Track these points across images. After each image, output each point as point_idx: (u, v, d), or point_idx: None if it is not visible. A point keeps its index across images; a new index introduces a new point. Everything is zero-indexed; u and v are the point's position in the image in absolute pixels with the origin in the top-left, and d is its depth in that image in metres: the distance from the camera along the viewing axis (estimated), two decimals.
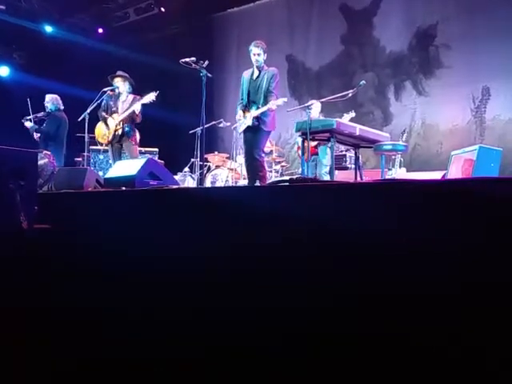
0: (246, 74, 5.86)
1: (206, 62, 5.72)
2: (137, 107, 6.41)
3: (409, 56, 8.58)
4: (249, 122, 5.62)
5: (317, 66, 9.67)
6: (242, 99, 5.82)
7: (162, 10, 10.29)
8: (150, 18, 10.49)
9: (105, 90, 6.72)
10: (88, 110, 6.78)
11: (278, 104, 5.52)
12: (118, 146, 6.67)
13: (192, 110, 7.01)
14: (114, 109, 6.65)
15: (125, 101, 6.64)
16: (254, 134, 5.64)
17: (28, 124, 7.41)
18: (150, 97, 6.38)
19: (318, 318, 2.13)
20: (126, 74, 6.77)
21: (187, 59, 5.65)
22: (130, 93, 6.69)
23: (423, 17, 8.38)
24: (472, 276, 1.84)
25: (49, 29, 10.58)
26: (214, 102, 10.00)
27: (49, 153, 6.22)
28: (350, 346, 2.05)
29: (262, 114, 5.54)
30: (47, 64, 10.39)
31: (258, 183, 5.37)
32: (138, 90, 6.85)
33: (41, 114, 7.44)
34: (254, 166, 5.59)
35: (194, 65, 5.65)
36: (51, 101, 7.45)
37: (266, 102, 5.56)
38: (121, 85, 6.67)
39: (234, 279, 2.41)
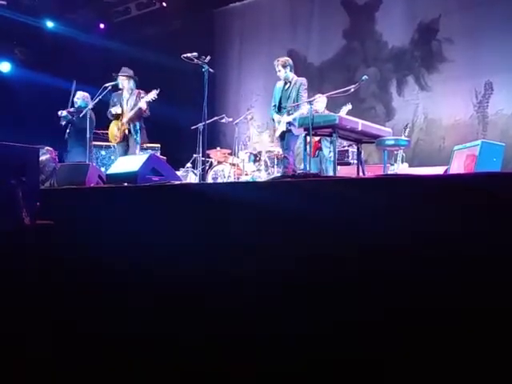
0: (278, 85, 6.40)
1: (208, 58, 5.70)
2: (142, 105, 6.47)
3: (411, 50, 8.54)
4: (283, 127, 6.16)
5: (319, 61, 9.63)
6: (274, 105, 6.35)
7: (164, 4, 10.25)
8: (152, 13, 10.45)
9: (106, 85, 6.71)
10: (90, 106, 6.78)
11: (305, 110, 5.82)
12: (124, 144, 6.70)
13: (194, 105, 7.00)
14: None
15: (129, 99, 6.67)
16: (286, 137, 6.21)
17: (63, 113, 7.26)
18: (152, 95, 6.43)
19: (318, 318, 2.13)
20: (131, 72, 6.78)
21: (189, 54, 5.63)
22: (133, 90, 6.70)
23: (425, 11, 8.32)
24: (474, 273, 1.84)
25: (50, 24, 10.55)
26: (215, 97, 9.98)
27: (51, 149, 6.21)
28: (351, 345, 2.05)
29: (294, 119, 5.98)
30: (48, 60, 10.36)
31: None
32: (140, 86, 6.85)
33: (72, 110, 7.35)
34: (283, 163, 6.36)
35: (195, 60, 5.64)
36: (82, 98, 7.36)
37: (296, 109, 6.07)
38: (125, 83, 6.69)
39: (234, 276, 2.40)
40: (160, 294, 2.65)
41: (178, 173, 7.20)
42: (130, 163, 4.39)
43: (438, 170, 5.22)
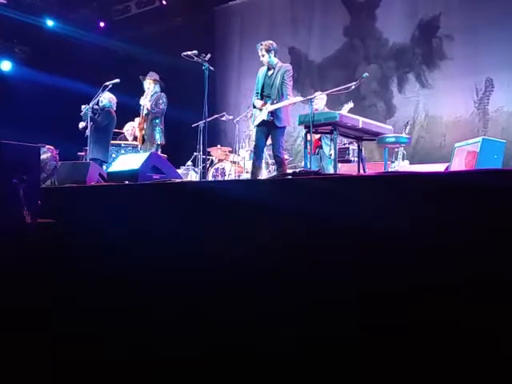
0: (261, 71, 5.88)
1: (208, 55, 5.69)
2: (143, 103, 6.68)
3: (412, 48, 8.53)
4: (264, 116, 5.63)
5: (320, 59, 9.62)
6: (257, 93, 5.85)
7: (164, 2, 10.24)
8: (152, 12, 10.45)
9: (106, 84, 6.74)
10: (90, 104, 6.79)
11: (294, 101, 5.62)
12: (145, 145, 6.80)
13: (194, 103, 7.00)
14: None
15: (149, 101, 6.79)
16: (268, 130, 5.71)
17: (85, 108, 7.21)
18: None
19: (318, 314, 2.13)
20: (157, 76, 6.90)
21: (189, 52, 5.62)
22: (157, 93, 6.83)
23: (426, 8, 8.32)
24: (474, 270, 1.84)
25: (50, 23, 10.55)
26: (216, 95, 9.97)
27: (52, 147, 6.20)
28: (350, 345, 2.05)
29: (277, 109, 5.58)
30: (49, 58, 10.36)
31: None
32: (138, 84, 6.88)
33: (96, 107, 7.30)
34: (276, 162, 5.81)
35: (196, 58, 5.63)
36: (108, 98, 7.29)
37: (280, 97, 5.62)
38: (151, 86, 6.82)
39: (235, 275, 2.40)
40: (160, 293, 2.65)
41: (179, 171, 7.21)
42: (130, 161, 4.40)
43: (439, 168, 5.23)
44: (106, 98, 7.28)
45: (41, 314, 2.74)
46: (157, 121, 6.77)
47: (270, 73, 5.75)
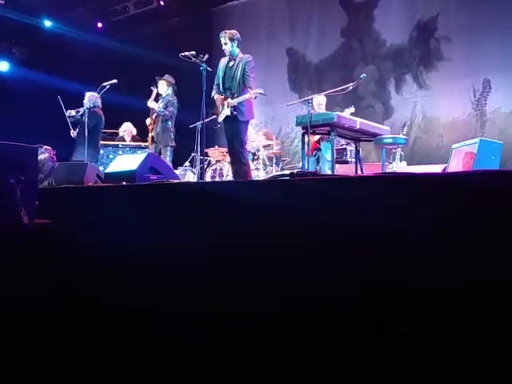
0: (223, 61, 5.61)
1: (206, 56, 5.69)
2: (149, 105, 6.79)
3: (409, 49, 8.54)
4: (227, 111, 5.42)
5: (317, 60, 9.63)
6: (217, 85, 5.61)
7: (162, 3, 10.24)
8: (150, 12, 10.44)
9: (104, 84, 6.75)
10: (87, 105, 6.78)
11: (256, 94, 5.31)
12: (155, 146, 6.86)
13: (192, 104, 7.01)
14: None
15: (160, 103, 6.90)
16: (232, 126, 5.48)
17: (72, 113, 7.10)
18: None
19: (318, 315, 2.13)
20: (172, 79, 7.02)
21: (187, 53, 5.63)
22: (168, 95, 6.94)
23: (423, 9, 8.33)
24: (473, 272, 1.84)
25: (48, 23, 10.53)
26: None
27: (49, 148, 6.19)
28: (350, 346, 2.05)
29: (240, 102, 5.37)
30: (47, 59, 10.34)
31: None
32: (136, 85, 6.89)
33: (80, 111, 7.24)
34: (237, 158, 5.48)
35: (193, 59, 5.64)
36: (89, 97, 7.25)
37: (242, 90, 5.39)
38: (163, 88, 6.94)
39: (234, 276, 2.40)
40: (159, 294, 2.65)
41: (177, 171, 7.21)
42: (128, 162, 4.40)
43: (437, 168, 5.23)
44: (87, 98, 7.22)
45: (38, 314, 2.73)
46: (168, 123, 6.81)
47: (230, 64, 5.47)
